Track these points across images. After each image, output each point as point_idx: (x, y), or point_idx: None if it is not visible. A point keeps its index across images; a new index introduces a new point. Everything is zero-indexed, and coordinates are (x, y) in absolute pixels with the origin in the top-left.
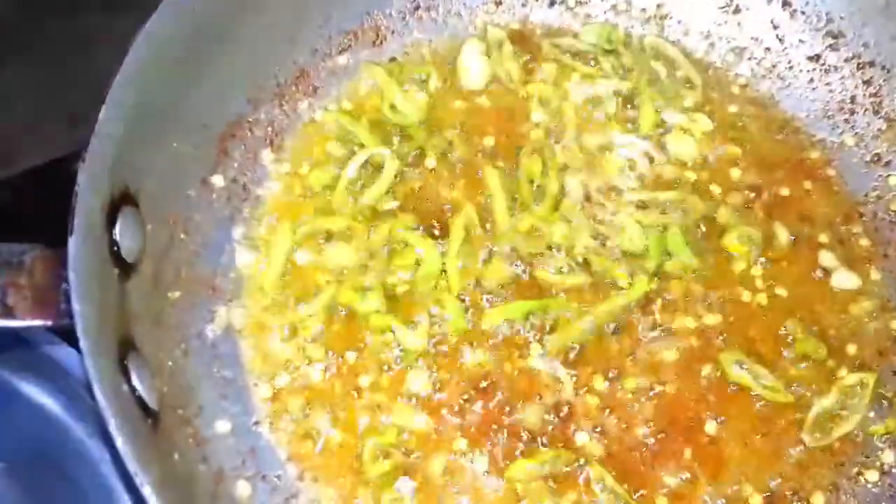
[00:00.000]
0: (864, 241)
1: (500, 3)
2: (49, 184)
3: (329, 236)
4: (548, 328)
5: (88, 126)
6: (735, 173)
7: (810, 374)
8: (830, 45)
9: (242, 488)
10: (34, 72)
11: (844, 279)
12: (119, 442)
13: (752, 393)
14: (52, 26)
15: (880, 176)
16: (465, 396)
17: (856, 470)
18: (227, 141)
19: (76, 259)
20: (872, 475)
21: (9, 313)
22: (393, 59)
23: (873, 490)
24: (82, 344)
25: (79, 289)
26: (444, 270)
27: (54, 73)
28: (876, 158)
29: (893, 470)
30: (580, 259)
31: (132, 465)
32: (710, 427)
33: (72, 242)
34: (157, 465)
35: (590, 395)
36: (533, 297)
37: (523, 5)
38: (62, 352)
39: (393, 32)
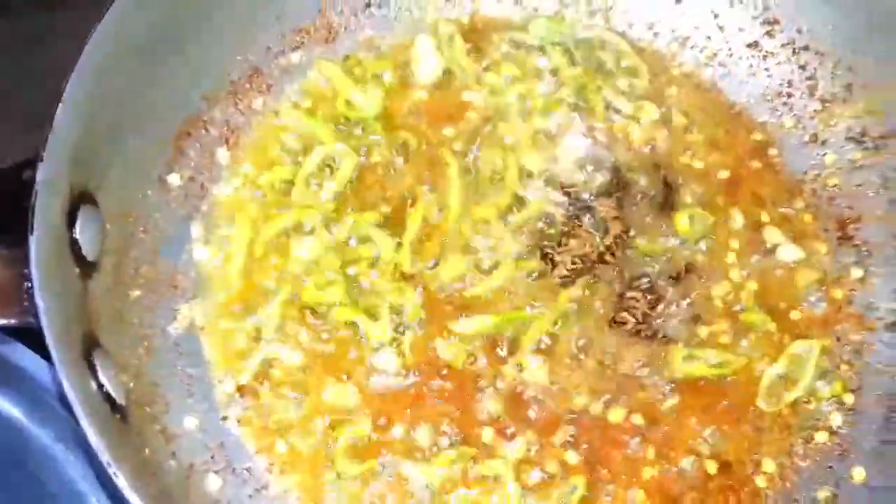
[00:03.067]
0: (807, 217)
1: None
2: (6, 188)
3: (291, 232)
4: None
5: (44, 130)
6: (683, 158)
7: (760, 345)
8: (767, 32)
9: (213, 482)
10: None
11: (790, 252)
12: (90, 434)
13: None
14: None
15: (818, 154)
16: (431, 388)
17: (807, 433)
18: (182, 140)
19: (38, 257)
20: (822, 436)
21: None
22: (347, 57)
23: (823, 450)
24: (48, 340)
25: (42, 286)
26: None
27: (5, 74)
28: (813, 138)
29: (841, 430)
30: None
31: (105, 457)
32: (665, 404)
33: (33, 240)
34: (128, 460)
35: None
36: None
37: (472, 0)
38: (24, 357)
39: (345, 29)
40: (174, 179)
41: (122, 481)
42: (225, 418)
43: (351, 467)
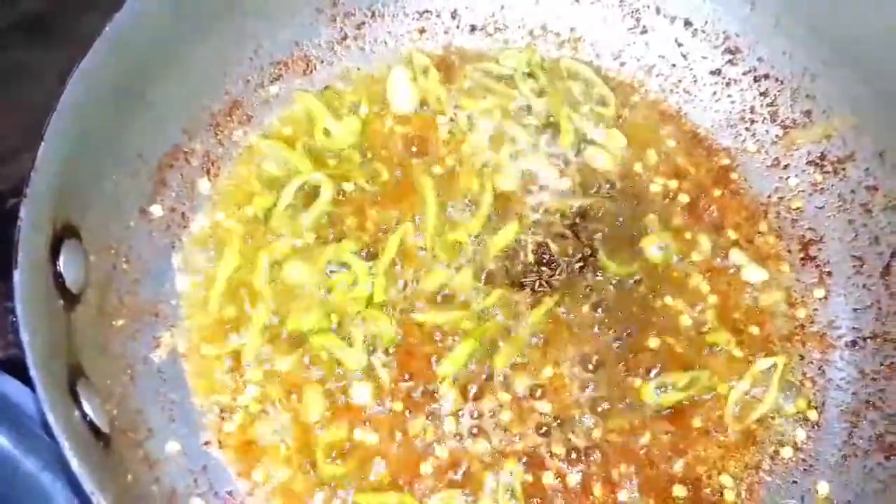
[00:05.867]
0: (770, 239)
1: (424, 30)
2: None
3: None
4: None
5: (17, 163)
6: (649, 183)
7: (725, 364)
8: (730, 61)
9: None
10: None
11: (754, 274)
12: (74, 464)
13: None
14: None
15: (781, 178)
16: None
17: (773, 449)
18: (164, 171)
19: (21, 291)
20: (788, 452)
21: None
22: (325, 88)
23: (789, 465)
24: (32, 372)
25: (25, 320)
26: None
27: None
28: (776, 162)
29: (805, 446)
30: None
31: (88, 485)
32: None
33: (17, 275)
34: (111, 487)
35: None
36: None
37: (446, 32)
38: (10, 386)
39: (322, 61)
40: (156, 210)
41: None
42: (207, 442)
43: (333, 469)
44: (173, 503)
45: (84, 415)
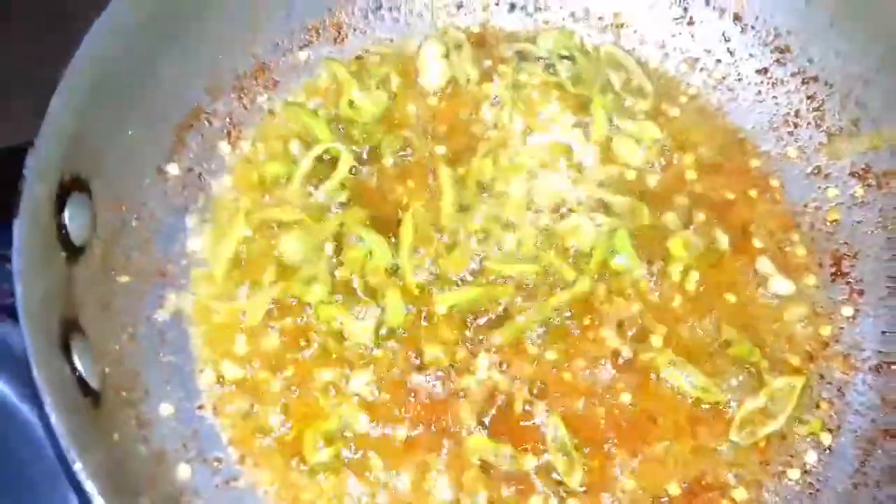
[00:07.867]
0: (801, 250)
1: (462, 5)
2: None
3: (280, 227)
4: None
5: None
6: (681, 180)
7: (742, 376)
8: (778, 60)
9: (183, 471)
10: (6, 48)
11: (780, 285)
12: (53, 418)
13: (684, 391)
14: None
15: (820, 188)
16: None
17: (780, 468)
18: (184, 131)
19: (19, 241)
20: (795, 473)
21: None
22: (357, 57)
23: (795, 488)
24: (22, 322)
25: (20, 269)
26: (397, 266)
27: (27, 50)
28: (816, 171)
29: (814, 469)
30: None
31: (64, 442)
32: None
33: (16, 225)
34: (94, 444)
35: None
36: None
37: (484, 9)
38: (8, 331)
39: (355, 30)
40: (173, 169)
41: (78, 467)
42: (201, 407)
43: (317, 456)
44: (160, 467)
45: (74, 369)
